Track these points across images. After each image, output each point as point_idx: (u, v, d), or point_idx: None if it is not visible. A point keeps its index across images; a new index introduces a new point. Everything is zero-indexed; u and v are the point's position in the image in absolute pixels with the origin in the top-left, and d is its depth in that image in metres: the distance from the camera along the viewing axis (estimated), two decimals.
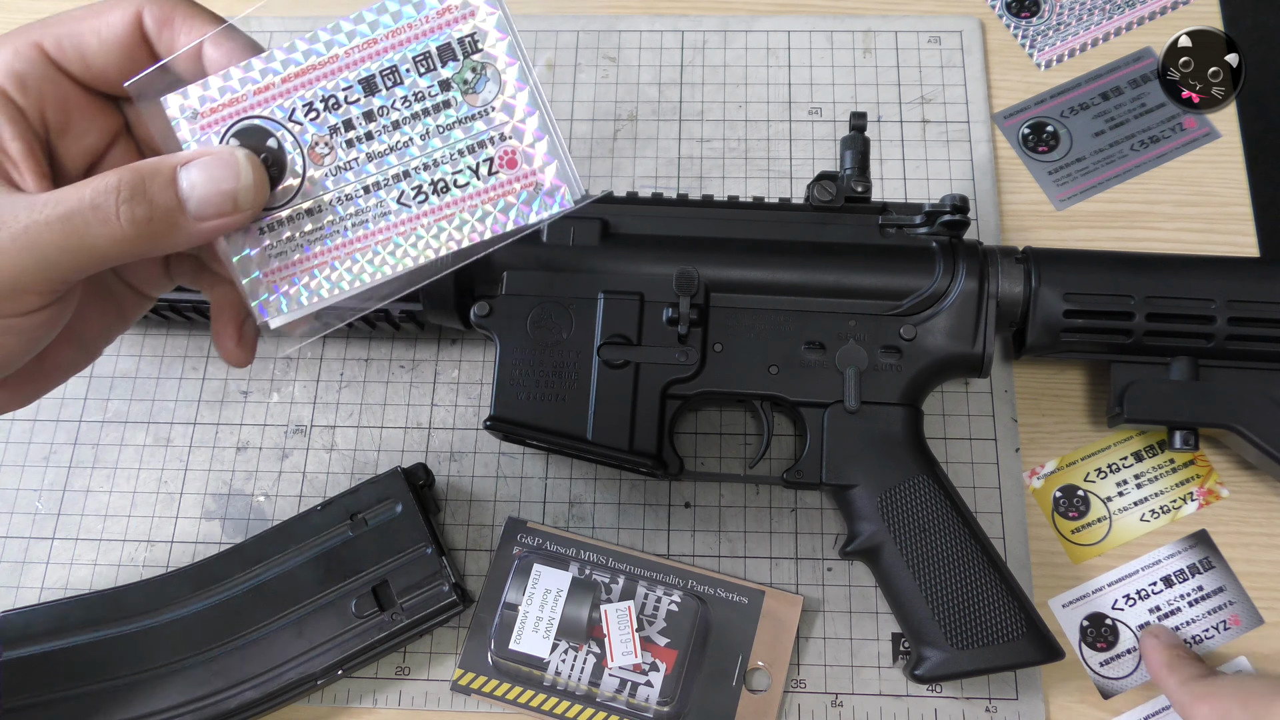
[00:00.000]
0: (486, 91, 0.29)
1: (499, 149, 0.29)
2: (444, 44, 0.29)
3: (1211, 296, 0.44)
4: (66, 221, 0.27)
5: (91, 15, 0.30)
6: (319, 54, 0.29)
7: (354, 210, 0.30)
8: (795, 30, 0.58)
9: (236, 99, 0.30)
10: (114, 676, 0.43)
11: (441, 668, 0.46)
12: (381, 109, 0.29)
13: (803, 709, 0.45)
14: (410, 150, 0.30)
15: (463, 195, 0.30)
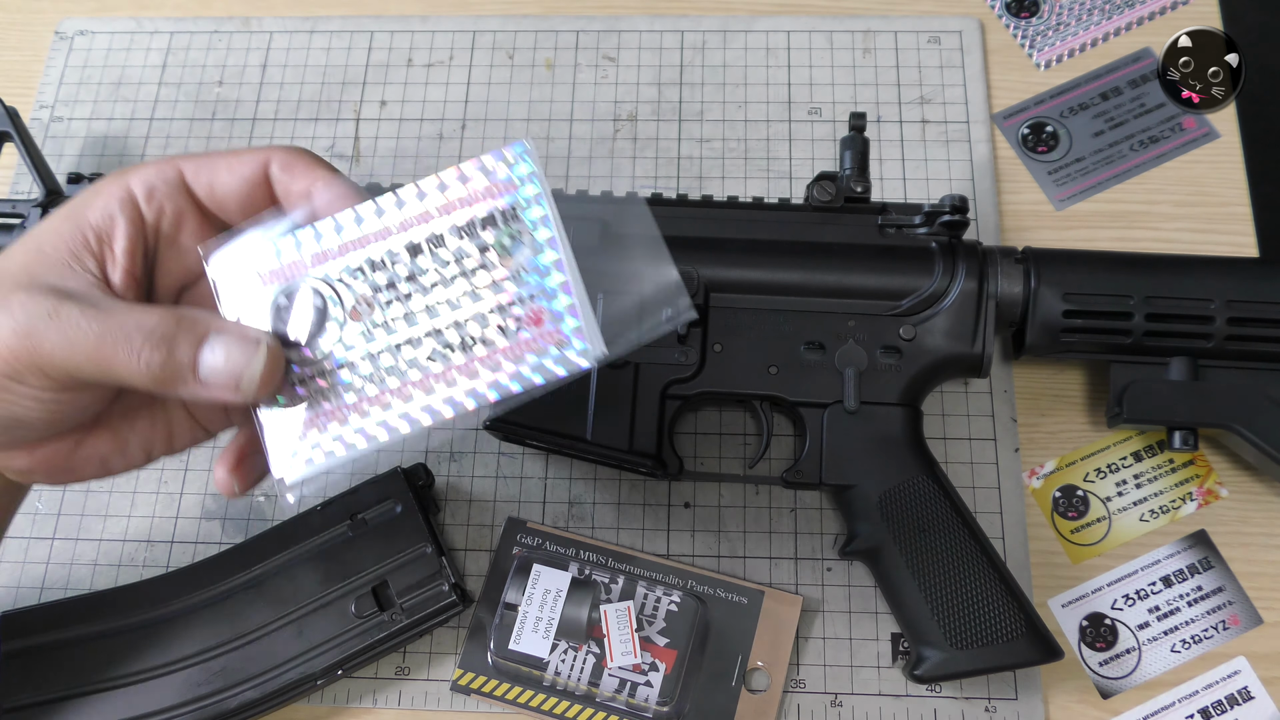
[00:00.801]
0: (520, 255, 0.31)
1: (527, 308, 0.31)
2: (488, 215, 0.31)
3: (1210, 297, 0.44)
4: (100, 339, 0.31)
5: (232, 155, 0.34)
6: (374, 221, 0.32)
7: (384, 366, 0.32)
8: (795, 30, 0.58)
9: (294, 261, 0.32)
10: (114, 676, 0.43)
11: (441, 668, 0.46)
12: (423, 271, 0.31)
13: (802, 709, 0.45)
14: (444, 309, 0.31)
15: (488, 352, 0.31)
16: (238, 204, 0.34)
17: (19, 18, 0.62)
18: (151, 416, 0.36)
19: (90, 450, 0.35)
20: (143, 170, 0.34)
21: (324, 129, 0.57)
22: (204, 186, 0.34)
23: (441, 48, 0.59)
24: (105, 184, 0.34)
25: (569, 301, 0.31)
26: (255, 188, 0.34)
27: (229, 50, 0.60)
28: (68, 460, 0.35)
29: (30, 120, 0.58)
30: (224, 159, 0.34)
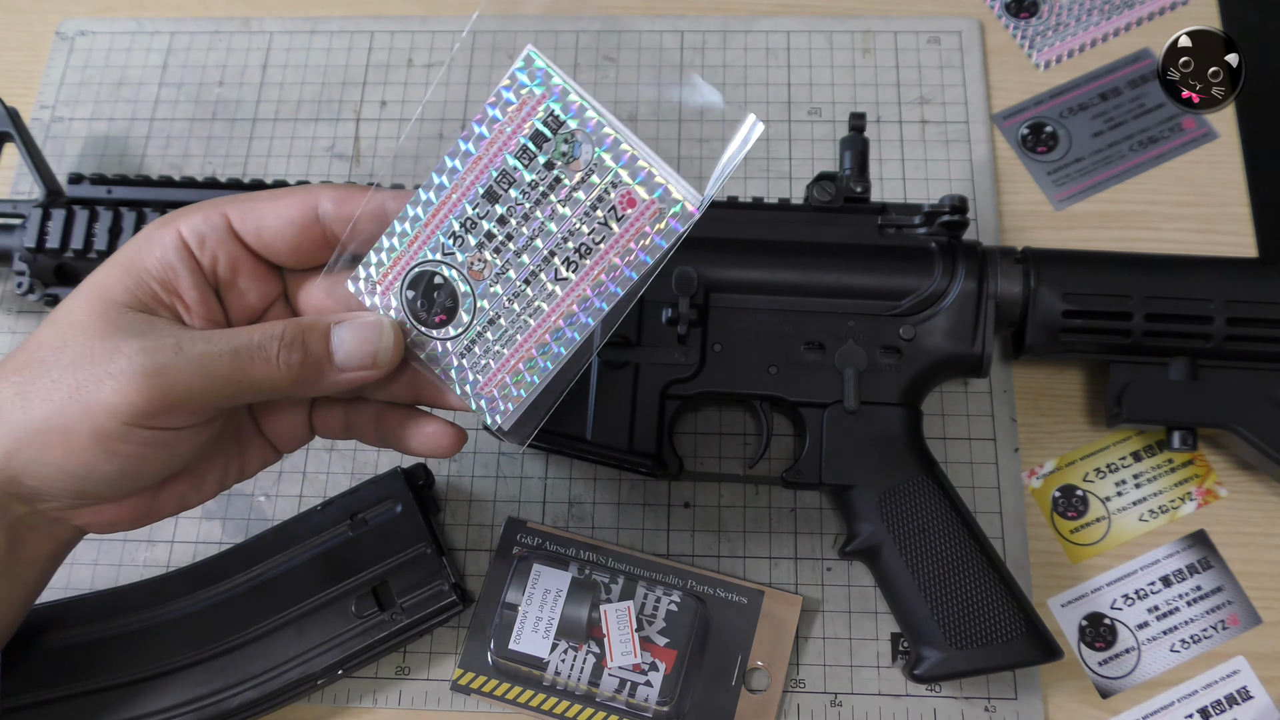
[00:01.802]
0: (584, 153, 0.32)
1: (617, 194, 0.32)
2: (533, 133, 0.32)
3: (1210, 297, 0.44)
4: (235, 355, 0.32)
5: (276, 197, 0.35)
6: (445, 189, 0.33)
7: (525, 305, 0.33)
8: (795, 30, 0.58)
9: (397, 258, 0.34)
10: (114, 676, 0.43)
11: (441, 668, 0.46)
12: (510, 210, 0.33)
13: (802, 709, 0.45)
14: (548, 231, 0.33)
15: (606, 248, 0.32)
16: (287, 248, 0.35)
17: (19, 18, 0.62)
18: (226, 451, 0.37)
19: (169, 492, 0.36)
20: (190, 218, 0.34)
21: (324, 129, 0.57)
22: (251, 233, 0.35)
23: (441, 48, 0.59)
24: (154, 233, 0.34)
25: (646, 168, 0.31)
26: (303, 230, 0.35)
27: (229, 50, 0.60)
28: (150, 506, 0.36)
29: (31, 121, 0.58)
30: (268, 203, 0.35)
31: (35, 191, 0.56)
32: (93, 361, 0.32)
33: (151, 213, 0.47)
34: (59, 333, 0.33)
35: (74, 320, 0.33)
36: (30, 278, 0.48)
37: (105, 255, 0.47)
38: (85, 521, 0.36)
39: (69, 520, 0.35)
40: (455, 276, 0.34)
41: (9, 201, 0.49)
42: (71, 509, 0.35)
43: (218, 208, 0.35)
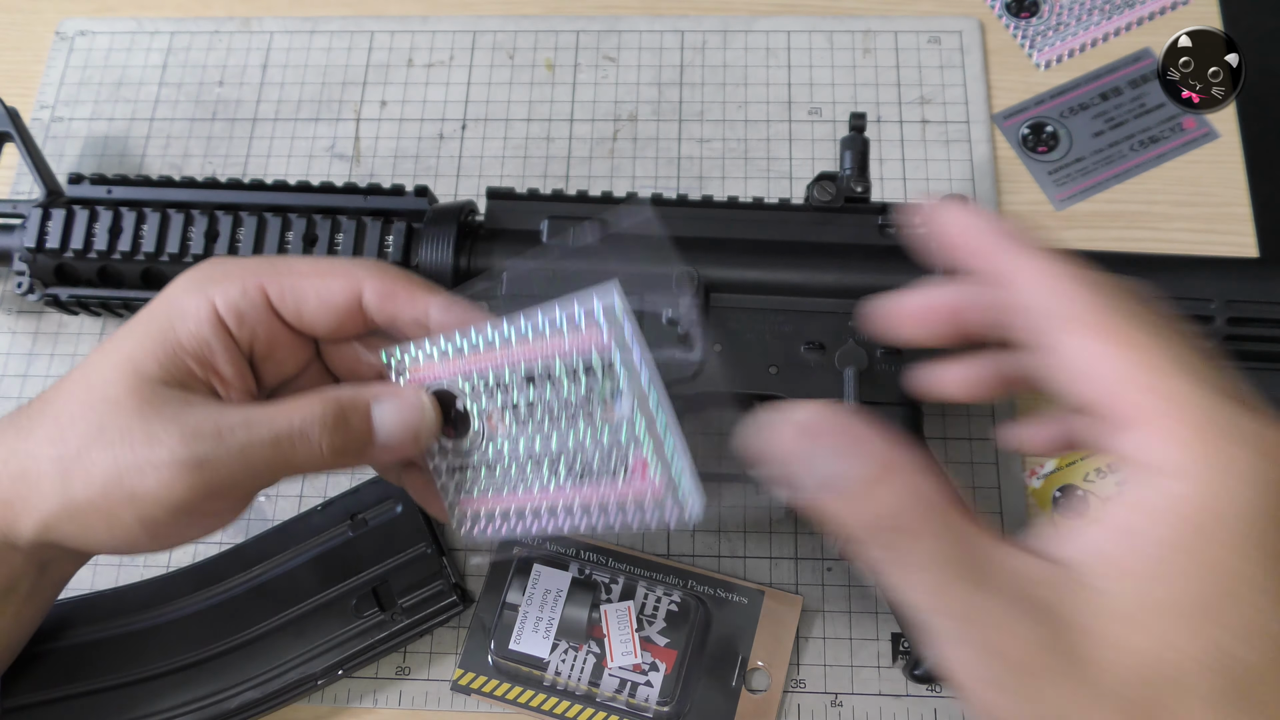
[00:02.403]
0: (620, 407, 0.31)
1: (634, 455, 0.31)
2: (586, 365, 0.32)
3: (1210, 297, 0.44)
4: (276, 444, 0.31)
5: (317, 274, 0.34)
6: (493, 346, 0.33)
7: (520, 475, 0.34)
8: (795, 30, 0.58)
9: (433, 365, 0.34)
10: (114, 676, 0.43)
11: (441, 668, 0.46)
12: (540, 401, 0.33)
13: (802, 709, 0.45)
14: (564, 439, 0.33)
15: (604, 489, 0.32)
16: (326, 329, 0.34)
17: (19, 18, 0.62)
18: None
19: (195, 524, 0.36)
20: (225, 288, 0.33)
21: (324, 129, 0.57)
22: (291, 311, 0.34)
23: (441, 48, 0.59)
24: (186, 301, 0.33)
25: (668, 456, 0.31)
26: (346, 316, 0.34)
27: (229, 50, 0.60)
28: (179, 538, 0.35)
29: (31, 120, 0.58)
30: (310, 279, 0.34)
31: (35, 191, 0.56)
32: (132, 447, 0.31)
33: (151, 213, 0.47)
34: (93, 409, 0.32)
35: (107, 396, 0.32)
36: (30, 278, 0.48)
37: (105, 255, 0.47)
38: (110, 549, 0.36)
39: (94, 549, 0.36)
40: (474, 412, 0.34)
41: (9, 201, 0.49)
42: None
43: (256, 277, 0.34)
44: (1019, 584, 0.23)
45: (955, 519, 0.24)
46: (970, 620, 0.23)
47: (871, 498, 0.24)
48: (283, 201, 0.47)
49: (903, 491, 0.24)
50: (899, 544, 0.24)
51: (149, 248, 0.46)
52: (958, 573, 0.23)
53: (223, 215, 0.47)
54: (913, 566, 0.24)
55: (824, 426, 0.25)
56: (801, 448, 0.25)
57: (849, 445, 0.25)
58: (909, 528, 0.24)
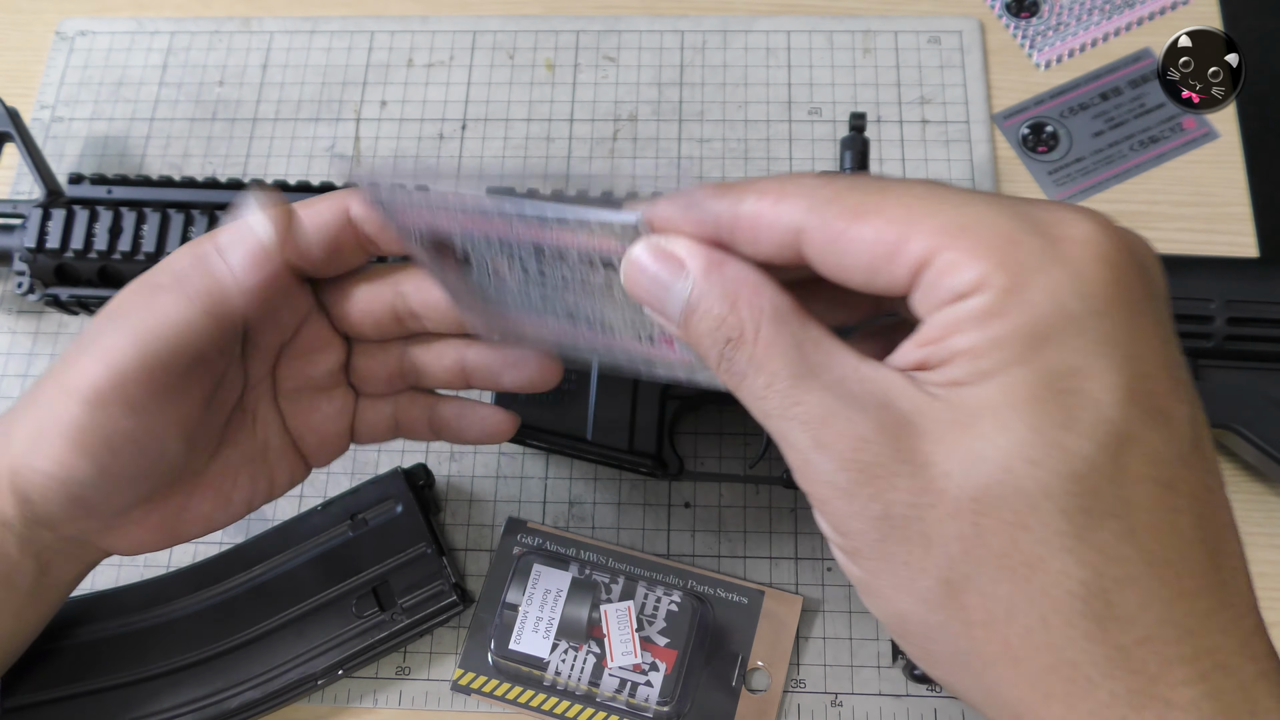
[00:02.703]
0: None
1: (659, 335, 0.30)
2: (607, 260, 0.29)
3: (1210, 297, 0.44)
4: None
5: (305, 205, 0.33)
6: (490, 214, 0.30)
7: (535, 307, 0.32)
8: (795, 30, 0.58)
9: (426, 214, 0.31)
10: (114, 676, 0.43)
11: (441, 668, 0.46)
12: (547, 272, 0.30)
13: (802, 709, 0.45)
14: (577, 301, 0.31)
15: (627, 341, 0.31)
16: (324, 252, 0.34)
17: (19, 18, 0.62)
18: (253, 469, 0.37)
19: (195, 512, 0.36)
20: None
21: (324, 129, 0.57)
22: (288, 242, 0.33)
23: (441, 48, 0.59)
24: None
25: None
26: (339, 231, 0.33)
27: (229, 50, 0.60)
28: (176, 525, 0.36)
29: (31, 121, 0.58)
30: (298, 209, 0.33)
31: (35, 191, 0.56)
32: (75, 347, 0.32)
33: (151, 213, 0.47)
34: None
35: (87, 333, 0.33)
36: (30, 278, 0.48)
37: (105, 255, 0.47)
38: (110, 544, 0.36)
39: (95, 544, 0.36)
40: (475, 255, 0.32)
41: (9, 201, 0.49)
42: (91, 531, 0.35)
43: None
44: (854, 380, 0.23)
45: (788, 321, 0.24)
46: (806, 420, 0.23)
47: (699, 312, 0.24)
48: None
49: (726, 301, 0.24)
50: (736, 354, 0.24)
51: (149, 248, 0.46)
52: (791, 372, 0.23)
53: (223, 215, 0.47)
54: (749, 372, 0.24)
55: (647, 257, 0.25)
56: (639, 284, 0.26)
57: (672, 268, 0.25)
58: (742, 335, 0.24)
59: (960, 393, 0.22)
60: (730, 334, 0.24)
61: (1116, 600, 0.21)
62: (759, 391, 0.24)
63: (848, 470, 0.22)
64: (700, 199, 0.25)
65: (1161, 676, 0.20)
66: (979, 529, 0.21)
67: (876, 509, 0.22)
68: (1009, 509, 0.21)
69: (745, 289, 0.24)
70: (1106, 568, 0.21)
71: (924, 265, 0.22)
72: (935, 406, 0.22)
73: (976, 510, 0.21)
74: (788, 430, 0.23)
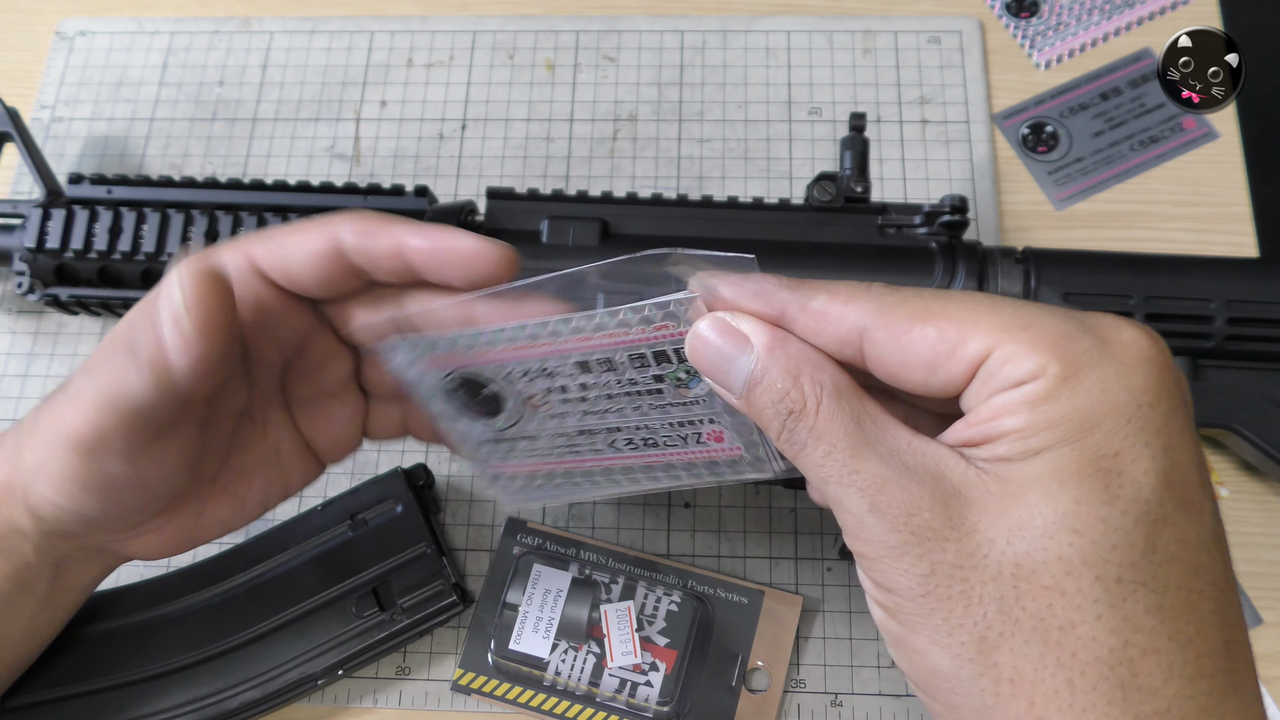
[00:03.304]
0: (699, 388, 0.30)
1: (708, 429, 0.30)
2: (657, 352, 0.29)
3: (1210, 297, 0.44)
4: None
5: (297, 232, 0.33)
6: (536, 336, 0.30)
7: (570, 444, 0.32)
8: (795, 30, 0.58)
9: (456, 354, 0.31)
10: (114, 676, 0.43)
11: (441, 668, 0.46)
12: (593, 384, 0.31)
13: (802, 709, 0.45)
14: (621, 415, 0.31)
15: (671, 452, 0.31)
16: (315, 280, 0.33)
17: (19, 18, 0.62)
18: (266, 472, 0.37)
19: (212, 516, 0.36)
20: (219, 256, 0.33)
21: (324, 129, 0.57)
22: (278, 270, 0.33)
23: (441, 48, 0.59)
24: None
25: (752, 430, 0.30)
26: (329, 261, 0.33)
27: (229, 50, 0.60)
28: (193, 531, 0.36)
29: (31, 120, 0.58)
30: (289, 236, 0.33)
31: (35, 191, 0.56)
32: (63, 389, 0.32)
33: (151, 213, 0.47)
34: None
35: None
36: (30, 278, 0.48)
37: (105, 255, 0.47)
38: (130, 551, 0.36)
39: (114, 551, 0.36)
40: (509, 397, 0.32)
41: (9, 201, 0.49)
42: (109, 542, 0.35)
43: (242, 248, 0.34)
44: (908, 452, 0.25)
45: (847, 396, 0.26)
46: (863, 488, 0.24)
47: (763, 386, 0.26)
48: (283, 201, 0.47)
49: (789, 376, 0.26)
50: (798, 425, 0.26)
51: (149, 248, 0.46)
52: (850, 442, 0.25)
53: (223, 215, 0.47)
54: (810, 442, 0.25)
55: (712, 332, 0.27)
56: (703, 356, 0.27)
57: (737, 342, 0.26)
58: (804, 408, 0.25)
59: (1008, 468, 0.23)
60: (793, 406, 0.26)
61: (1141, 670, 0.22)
62: (818, 460, 0.25)
63: (900, 532, 0.24)
64: (769, 288, 0.27)
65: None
66: (1018, 592, 0.23)
67: (924, 567, 0.23)
68: (1048, 574, 0.22)
69: (807, 365, 0.26)
70: (1134, 637, 0.22)
71: (983, 359, 0.24)
72: (984, 479, 0.24)
73: (1017, 575, 0.23)
74: (844, 496, 0.25)
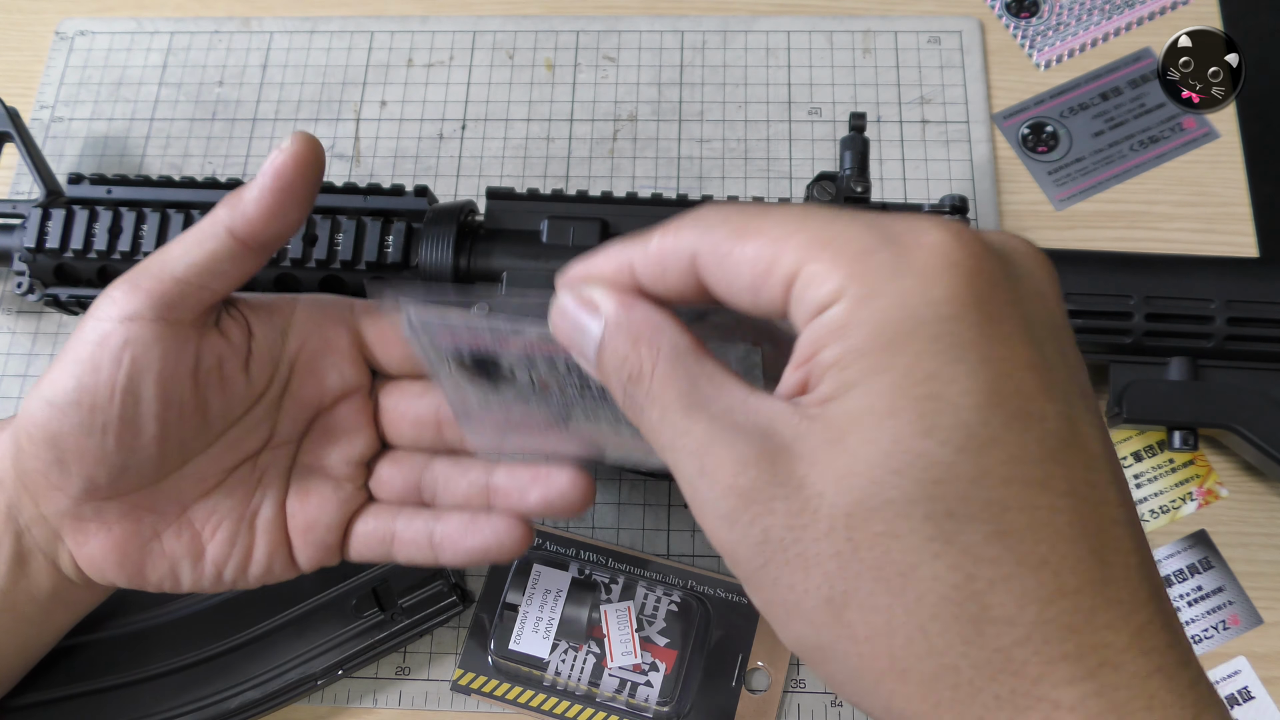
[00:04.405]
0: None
1: None
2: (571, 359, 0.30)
3: (1210, 296, 0.44)
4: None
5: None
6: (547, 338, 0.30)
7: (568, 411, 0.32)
8: (795, 30, 0.58)
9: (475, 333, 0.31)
10: (114, 676, 0.43)
11: (441, 668, 0.46)
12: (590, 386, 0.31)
13: (802, 709, 0.45)
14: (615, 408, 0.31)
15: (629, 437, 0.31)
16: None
17: (19, 18, 0.62)
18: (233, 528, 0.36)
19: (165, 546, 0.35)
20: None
21: (324, 129, 0.57)
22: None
23: (441, 48, 0.59)
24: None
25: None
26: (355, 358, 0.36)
27: (229, 50, 0.60)
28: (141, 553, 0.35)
29: (31, 120, 0.58)
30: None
31: (35, 191, 0.56)
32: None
33: (151, 213, 0.47)
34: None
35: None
36: (30, 278, 0.48)
37: (105, 255, 0.47)
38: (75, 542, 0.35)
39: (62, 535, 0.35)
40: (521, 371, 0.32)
41: (9, 201, 0.49)
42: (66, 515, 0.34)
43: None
44: (740, 410, 0.24)
45: (684, 358, 0.25)
46: (693, 450, 0.24)
47: (607, 351, 0.26)
48: None
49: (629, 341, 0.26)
50: (636, 389, 0.25)
51: (149, 248, 0.46)
52: (683, 404, 0.24)
53: None
54: (645, 405, 0.25)
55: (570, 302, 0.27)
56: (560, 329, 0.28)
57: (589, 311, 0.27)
58: (640, 372, 0.25)
59: (830, 409, 0.22)
60: (631, 370, 0.25)
61: (991, 602, 0.20)
62: (655, 424, 0.25)
63: (728, 497, 0.23)
64: (615, 246, 0.27)
65: (1045, 676, 0.20)
66: (854, 544, 0.21)
67: (756, 534, 0.22)
68: (879, 520, 0.21)
69: (647, 328, 0.26)
70: (977, 569, 0.20)
71: (793, 279, 0.23)
72: (813, 428, 0.22)
73: (849, 526, 0.21)
74: (678, 460, 0.24)
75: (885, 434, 0.21)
